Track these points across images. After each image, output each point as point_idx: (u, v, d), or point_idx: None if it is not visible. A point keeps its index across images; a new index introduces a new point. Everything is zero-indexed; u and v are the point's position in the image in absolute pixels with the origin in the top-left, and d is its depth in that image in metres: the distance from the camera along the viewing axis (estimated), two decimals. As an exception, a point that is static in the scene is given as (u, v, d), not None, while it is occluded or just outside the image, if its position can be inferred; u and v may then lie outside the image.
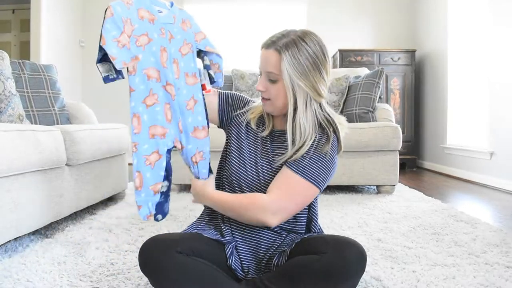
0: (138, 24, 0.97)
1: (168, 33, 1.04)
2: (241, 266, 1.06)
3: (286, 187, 1.01)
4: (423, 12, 4.73)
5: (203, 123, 1.11)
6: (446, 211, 2.16)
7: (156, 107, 1.00)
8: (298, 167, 1.03)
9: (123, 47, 0.93)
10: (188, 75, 1.08)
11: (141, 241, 1.58)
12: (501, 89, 3.17)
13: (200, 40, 1.12)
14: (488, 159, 3.31)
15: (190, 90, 1.08)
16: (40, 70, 2.26)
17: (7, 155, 1.34)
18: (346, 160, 2.71)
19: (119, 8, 0.94)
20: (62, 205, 1.74)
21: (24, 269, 1.30)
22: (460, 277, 1.25)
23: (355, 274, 0.92)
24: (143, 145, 0.99)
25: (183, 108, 1.06)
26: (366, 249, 1.40)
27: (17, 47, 5.52)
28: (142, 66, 0.98)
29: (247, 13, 5.00)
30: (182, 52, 1.07)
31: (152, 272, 0.93)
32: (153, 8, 1.01)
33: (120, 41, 0.93)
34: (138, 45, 0.97)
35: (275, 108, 1.08)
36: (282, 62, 1.00)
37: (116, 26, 0.93)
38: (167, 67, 1.01)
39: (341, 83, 3.05)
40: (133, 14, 0.96)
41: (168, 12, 1.05)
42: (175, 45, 1.06)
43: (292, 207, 1.02)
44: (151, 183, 1.01)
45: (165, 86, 1.02)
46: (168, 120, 1.03)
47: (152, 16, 1.00)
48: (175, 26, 1.06)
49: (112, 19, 0.93)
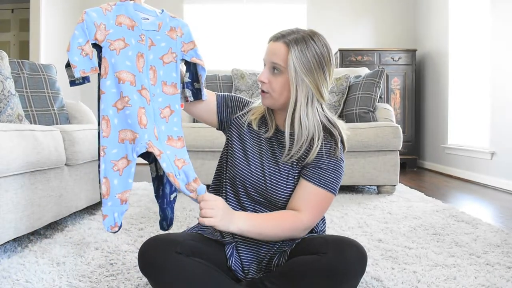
0: (113, 30, 0.97)
1: (149, 40, 1.03)
2: (242, 266, 1.05)
3: (316, 204, 1.05)
4: (423, 11, 4.72)
5: (179, 134, 1.07)
6: (447, 211, 2.15)
7: (126, 111, 0.96)
8: (321, 180, 1.05)
9: (85, 56, 0.94)
10: (166, 84, 1.06)
11: (141, 242, 1.57)
12: (502, 88, 3.16)
13: (188, 51, 1.09)
14: (489, 159, 3.30)
15: (166, 99, 1.06)
16: (39, 70, 2.26)
17: (6, 155, 1.34)
18: (347, 160, 2.70)
19: (94, 14, 0.95)
20: (61, 205, 1.74)
21: (23, 270, 1.29)
22: (461, 277, 1.24)
23: (355, 275, 0.92)
24: (111, 150, 0.97)
25: (157, 115, 1.03)
26: (366, 250, 1.39)
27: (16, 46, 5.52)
28: (115, 69, 0.97)
29: (247, 13, 5.00)
30: (164, 60, 1.05)
31: (151, 272, 0.93)
32: (136, 15, 1.01)
33: (84, 49, 0.94)
34: (112, 49, 0.97)
35: (275, 102, 1.07)
36: (289, 55, 1.01)
37: (84, 34, 0.94)
38: (142, 72, 1.00)
39: (341, 83, 3.05)
40: (109, 20, 0.97)
41: (154, 19, 1.04)
42: (156, 52, 1.04)
43: (319, 218, 1.08)
44: (119, 191, 0.96)
45: (140, 91, 0.99)
46: (143, 124, 0.97)
47: (133, 23, 1.00)
48: (159, 34, 1.05)
49: (82, 25, 0.94)
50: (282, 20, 4.93)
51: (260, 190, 1.07)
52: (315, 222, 1.06)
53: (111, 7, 0.98)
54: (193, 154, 2.75)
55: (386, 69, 4.35)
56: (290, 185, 1.07)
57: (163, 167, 0.98)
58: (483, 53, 3.52)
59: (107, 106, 0.97)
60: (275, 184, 1.06)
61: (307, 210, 1.03)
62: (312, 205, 1.04)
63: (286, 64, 1.01)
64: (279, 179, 1.07)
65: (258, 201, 1.08)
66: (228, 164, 1.13)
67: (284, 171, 1.07)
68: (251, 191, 1.08)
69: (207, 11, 5.02)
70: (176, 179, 0.99)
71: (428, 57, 4.61)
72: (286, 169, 1.08)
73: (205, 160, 2.74)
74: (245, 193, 1.09)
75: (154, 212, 2.14)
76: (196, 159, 2.73)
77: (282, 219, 1.03)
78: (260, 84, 1.06)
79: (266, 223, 1.02)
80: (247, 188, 1.09)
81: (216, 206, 0.95)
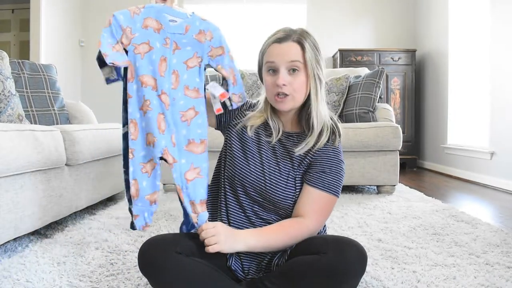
0: (139, 33, 0.98)
1: (174, 44, 1.02)
2: (242, 266, 1.06)
3: (321, 208, 1.05)
4: (423, 11, 4.72)
5: (202, 137, 1.05)
6: (447, 211, 2.16)
7: (148, 114, 0.98)
8: (324, 185, 1.05)
9: (116, 52, 0.96)
10: (189, 89, 1.04)
11: (141, 242, 1.57)
12: (501, 89, 3.17)
13: (215, 56, 1.07)
14: (488, 159, 3.31)
15: (189, 101, 1.04)
16: (39, 70, 2.26)
17: (6, 155, 1.34)
18: (347, 160, 2.70)
19: (121, 17, 0.96)
20: (61, 205, 1.74)
21: (24, 270, 1.29)
22: (461, 277, 1.24)
23: (355, 274, 0.92)
24: (140, 152, 0.98)
25: (177, 119, 1.02)
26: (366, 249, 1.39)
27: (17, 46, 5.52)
28: (138, 73, 0.98)
29: (247, 13, 5.00)
30: (188, 64, 1.04)
31: (151, 272, 0.93)
32: (164, 17, 1.00)
33: (114, 47, 0.96)
34: (136, 53, 0.97)
35: (295, 103, 1.06)
36: (306, 51, 1.02)
37: (113, 36, 0.96)
38: (164, 76, 1.00)
39: (341, 83, 3.05)
40: (136, 23, 0.98)
41: (182, 22, 1.03)
42: (180, 56, 1.03)
43: (324, 222, 1.09)
44: (148, 192, 0.99)
45: (160, 96, 1.00)
46: (161, 130, 0.98)
47: (160, 26, 1.00)
48: (185, 37, 1.03)
49: (109, 29, 0.96)
50: (282, 20, 4.93)
51: (259, 189, 1.07)
52: (320, 226, 1.07)
53: (140, 10, 0.99)
54: (193, 154, 2.75)
55: (386, 69, 4.35)
56: (289, 186, 1.07)
57: (173, 177, 0.99)
58: (482, 53, 3.52)
59: (134, 109, 0.98)
60: (275, 184, 1.06)
61: (312, 216, 1.04)
62: (317, 210, 1.04)
63: (304, 60, 1.03)
64: (278, 179, 1.07)
65: (257, 201, 1.08)
66: (226, 163, 1.13)
67: (284, 171, 1.08)
68: (250, 190, 1.08)
69: (207, 11, 5.02)
70: (182, 192, 1.00)
71: (428, 57, 4.61)
72: (287, 169, 1.08)
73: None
74: (244, 192, 1.09)
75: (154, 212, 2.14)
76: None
77: (287, 228, 1.03)
78: (280, 89, 1.03)
79: (272, 234, 1.02)
80: (246, 188, 1.08)
81: (217, 232, 0.96)
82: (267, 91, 1.08)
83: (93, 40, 5.04)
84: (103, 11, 5.02)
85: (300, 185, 1.07)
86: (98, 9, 5.03)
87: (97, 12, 5.03)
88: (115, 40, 0.96)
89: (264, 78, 1.08)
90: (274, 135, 1.10)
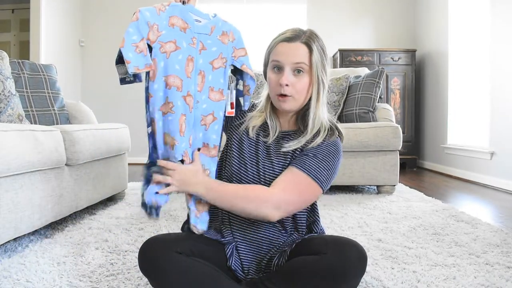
0: (166, 31, 0.96)
1: (200, 44, 1.01)
2: (242, 266, 1.06)
3: (290, 182, 1.01)
4: (423, 11, 4.72)
5: (215, 143, 1.07)
6: (447, 211, 2.16)
7: (168, 117, 0.97)
8: (304, 165, 1.03)
9: (140, 53, 0.93)
10: (213, 90, 1.04)
11: (141, 241, 1.57)
12: (501, 89, 3.17)
13: (238, 57, 1.07)
14: (488, 159, 3.31)
15: (211, 105, 1.05)
16: (39, 70, 2.26)
17: (6, 155, 1.34)
18: (346, 160, 2.71)
19: (147, 13, 0.94)
20: (61, 205, 1.74)
21: (24, 270, 1.30)
22: (461, 277, 1.24)
23: (355, 275, 0.92)
24: (159, 150, 0.99)
25: (197, 122, 1.03)
26: (366, 250, 1.40)
27: (17, 47, 5.52)
28: (163, 73, 0.96)
29: (247, 13, 5.00)
30: (213, 65, 1.03)
31: (151, 272, 0.93)
32: (189, 16, 0.99)
33: (138, 46, 0.92)
34: (162, 52, 0.95)
35: (297, 104, 1.07)
36: (313, 54, 1.02)
37: (138, 31, 0.93)
38: (191, 77, 0.99)
39: (341, 83, 3.05)
40: (162, 21, 0.96)
41: (207, 22, 1.02)
42: (206, 56, 1.02)
43: (295, 203, 1.02)
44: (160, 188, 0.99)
45: (185, 97, 0.98)
46: (182, 132, 0.98)
47: (186, 25, 0.99)
48: (210, 38, 1.03)
49: (136, 24, 0.92)
50: (282, 20, 4.93)
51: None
52: (283, 199, 0.99)
53: (165, 7, 0.97)
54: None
55: (386, 69, 4.35)
56: None
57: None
58: (482, 53, 3.52)
59: (154, 109, 0.97)
60: (269, 182, 1.06)
61: (280, 185, 1.01)
62: (287, 182, 1.01)
63: (310, 63, 1.03)
64: (273, 177, 1.06)
65: None
66: (226, 164, 1.14)
67: (277, 168, 1.07)
68: None
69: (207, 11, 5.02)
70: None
71: (428, 57, 4.61)
72: (280, 165, 1.08)
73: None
74: None
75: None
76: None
77: (249, 188, 1.03)
78: (283, 89, 1.03)
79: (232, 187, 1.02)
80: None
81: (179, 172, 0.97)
82: (270, 88, 1.08)
83: (93, 40, 5.04)
84: (103, 11, 5.03)
85: None
86: (98, 9, 5.03)
87: (97, 12, 5.03)
88: (140, 36, 0.93)
89: (268, 76, 1.08)
90: (271, 135, 1.11)
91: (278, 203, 0.99)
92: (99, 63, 5.02)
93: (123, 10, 5.02)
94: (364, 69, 3.40)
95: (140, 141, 4.97)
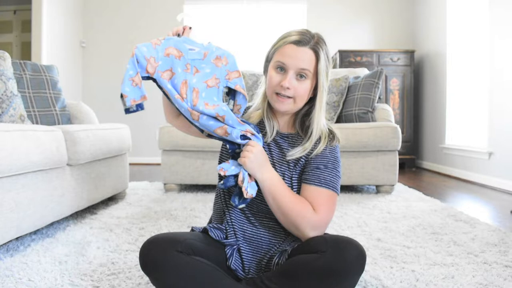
0: (162, 61, 1.03)
1: (194, 68, 1.07)
2: (242, 266, 1.06)
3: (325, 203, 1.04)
4: (422, 13, 4.74)
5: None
6: (445, 211, 2.17)
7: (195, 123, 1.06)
8: (321, 181, 1.05)
9: (135, 86, 1.00)
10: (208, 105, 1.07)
11: (142, 241, 1.58)
12: (500, 89, 3.18)
13: (232, 79, 1.11)
14: (486, 159, 3.32)
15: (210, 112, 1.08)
16: (41, 71, 2.27)
17: (8, 155, 1.35)
18: (346, 160, 2.72)
19: (144, 49, 1.01)
20: (63, 204, 1.75)
21: (26, 269, 1.31)
22: (459, 276, 1.26)
23: (354, 273, 0.93)
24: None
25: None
26: (365, 249, 1.41)
27: (18, 47, 5.52)
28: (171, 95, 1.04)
29: (247, 13, 5.01)
30: (208, 83, 1.08)
31: (152, 271, 0.94)
32: (183, 46, 1.06)
33: (134, 80, 0.99)
34: (164, 78, 1.03)
35: (294, 107, 1.08)
36: (319, 62, 1.04)
37: (134, 66, 1.00)
38: (186, 96, 1.05)
39: (340, 83, 3.06)
40: (158, 53, 1.03)
41: (200, 49, 1.08)
42: (200, 77, 1.07)
43: (328, 219, 1.06)
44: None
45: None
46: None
47: (180, 53, 1.05)
48: (204, 61, 1.08)
49: (132, 60, 1.00)
50: (282, 20, 4.94)
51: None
52: (324, 222, 1.04)
53: (160, 41, 1.04)
54: (193, 154, 2.76)
55: (385, 70, 4.36)
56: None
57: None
58: (481, 54, 3.53)
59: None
60: None
61: (319, 208, 1.03)
62: (321, 204, 1.04)
63: (315, 70, 1.04)
64: None
65: (255, 201, 1.09)
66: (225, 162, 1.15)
67: (279, 172, 1.09)
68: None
69: (207, 11, 5.04)
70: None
71: (427, 58, 4.63)
72: (282, 169, 1.09)
73: (205, 160, 2.75)
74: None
75: (155, 212, 2.16)
76: (196, 159, 2.75)
77: (301, 200, 1.04)
78: (283, 90, 1.05)
79: (287, 192, 1.03)
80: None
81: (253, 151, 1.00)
82: (269, 86, 1.08)
83: (94, 41, 5.05)
84: (104, 13, 5.04)
85: (297, 184, 1.09)
86: (99, 10, 5.05)
87: (98, 14, 5.05)
88: (135, 70, 1.00)
89: (269, 73, 1.09)
90: (268, 134, 1.12)
91: (317, 223, 1.03)
92: (100, 63, 5.03)
93: (124, 11, 5.03)
94: (363, 69, 3.41)
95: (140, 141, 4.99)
